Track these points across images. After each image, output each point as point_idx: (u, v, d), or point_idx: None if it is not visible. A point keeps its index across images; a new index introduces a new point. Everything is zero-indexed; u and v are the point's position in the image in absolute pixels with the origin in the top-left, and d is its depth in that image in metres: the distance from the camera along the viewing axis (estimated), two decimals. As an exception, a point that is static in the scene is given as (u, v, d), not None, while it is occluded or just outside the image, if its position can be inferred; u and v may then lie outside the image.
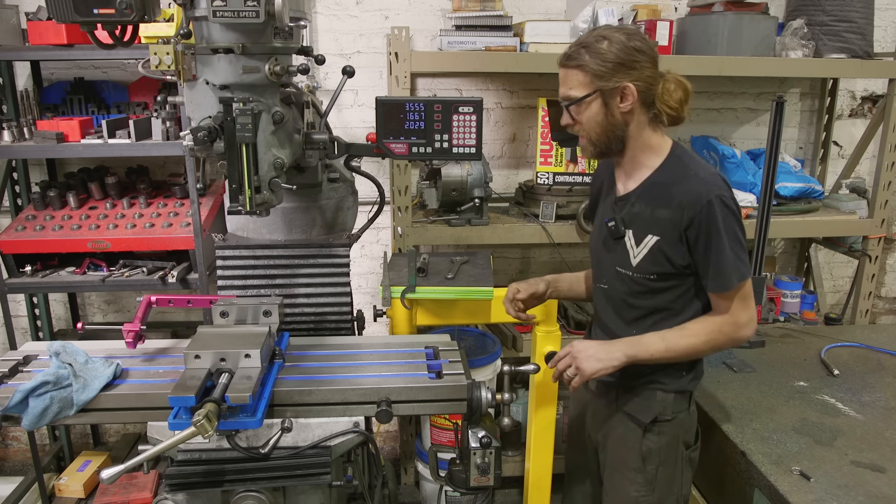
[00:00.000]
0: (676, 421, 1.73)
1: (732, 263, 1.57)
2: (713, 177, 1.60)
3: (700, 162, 1.66)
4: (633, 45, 1.57)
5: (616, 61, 1.55)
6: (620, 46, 1.56)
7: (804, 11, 2.96)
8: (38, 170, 3.07)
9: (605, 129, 1.63)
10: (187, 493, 1.43)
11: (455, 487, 1.66)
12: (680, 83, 1.62)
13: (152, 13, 1.45)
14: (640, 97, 1.59)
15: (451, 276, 2.13)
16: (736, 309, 1.62)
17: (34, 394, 1.37)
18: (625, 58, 1.56)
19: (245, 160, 1.39)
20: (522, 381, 3.04)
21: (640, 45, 1.58)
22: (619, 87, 1.57)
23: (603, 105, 1.60)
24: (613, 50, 1.56)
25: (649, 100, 1.61)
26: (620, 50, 1.55)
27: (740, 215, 1.59)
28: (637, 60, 1.56)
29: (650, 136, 1.66)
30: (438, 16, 3.09)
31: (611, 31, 1.60)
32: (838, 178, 3.41)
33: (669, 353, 1.63)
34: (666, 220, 1.60)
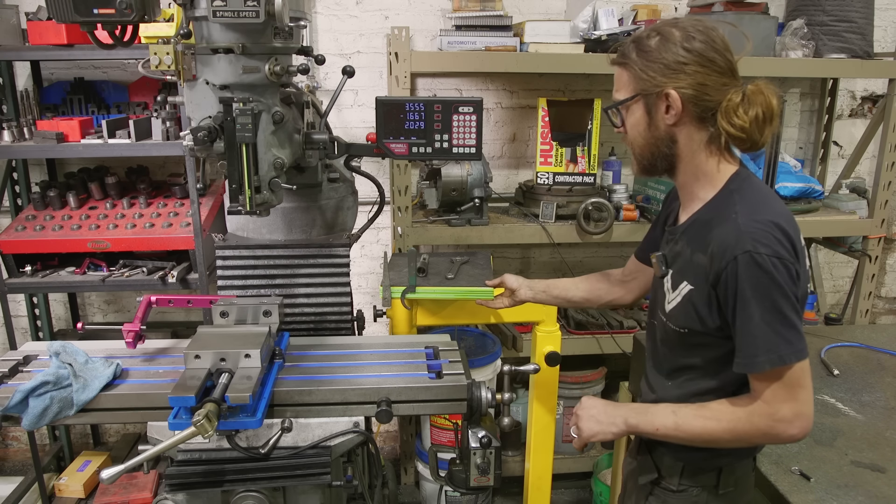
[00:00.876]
0: (686, 496, 1.46)
1: (762, 339, 1.26)
2: (754, 224, 1.26)
3: (754, 200, 1.32)
4: (689, 45, 1.31)
5: (663, 62, 1.31)
6: (673, 45, 1.31)
7: (804, 11, 2.96)
8: (38, 170, 3.07)
9: (648, 141, 1.39)
10: (187, 493, 1.43)
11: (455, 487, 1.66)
12: (759, 97, 1.31)
13: (152, 13, 1.45)
14: (691, 109, 1.32)
15: (452, 277, 2.13)
16: (774, 397, 1.28)
17: (34, 394, 1.37)
18: (673, 60, 1.31)
19: (245, 160, 1.39)
20: (522, 381, 3.04)
21: (701, 46, 1.31)
22: (662, 93, 1.32)
23: (646, 113, 1.37)
24: (663, 49, 1.32)
25: (706, 114, 1.33)
26: (671, 50, 1.31)
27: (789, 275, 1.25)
28: (687, 64, 1.30)
29: (706, 161, 1.37)
30: (438, 16, 3.09)
31: (671, 25, 1.35)
32: (838, 178, 3.41)
33: (679, 433, 1.36)
34: (700, 269, 1.34)
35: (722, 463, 1.44)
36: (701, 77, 1.31)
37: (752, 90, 1.32)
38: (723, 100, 1.31)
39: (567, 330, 2.98)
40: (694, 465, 1.45)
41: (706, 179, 1.38)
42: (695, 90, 1.31)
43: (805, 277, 1.33)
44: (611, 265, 3.58)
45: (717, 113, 1.32)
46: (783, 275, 1.25)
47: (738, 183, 1.36)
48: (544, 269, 3.48)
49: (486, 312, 2.21)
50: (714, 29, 1.35)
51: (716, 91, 1.32)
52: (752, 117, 1.29)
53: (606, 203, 2.80)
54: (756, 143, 1.32)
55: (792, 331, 1.26)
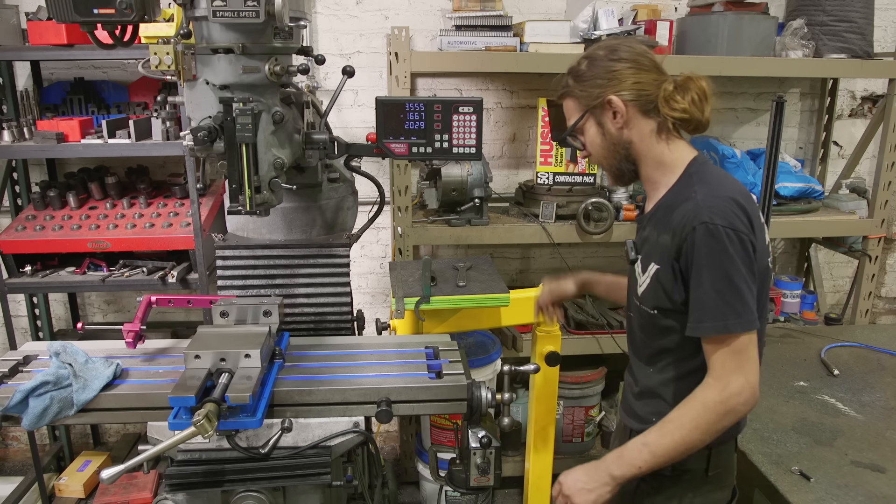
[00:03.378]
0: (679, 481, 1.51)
1: (711, 305, 1.33)
2: (712, 199, 1.37)
3: (712, 180, 1.43)
4: (613, 56, 1.47)
5: (595, 77, 1.47)
6: (599, 62, 1.48)
7: (804, 11, 2.96)
8: (38, 170, 3.08)
9: (609, 150, 1.51)
10: (187, 493, 1.43)
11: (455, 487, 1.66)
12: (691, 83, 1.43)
13: (152, 13, 1.45)
14: (635, 107, 1.45)
15: (463, 284, 2.10)
16: (724, 368, 1.34)
17: (34, 394, 1.37)
18: (603, 72, 1.47)
19: (245, 160, 1.39)
20: (522, 381, 3.04)
21: (625, 54, 1.46)
22: (604, 102, 1.46)
23: (598, 125, 1.51)
24: (593, 68, 1.48)
25: (648, 107, 1.46)
26: (599, 66, 1.47)
27: (743, 247, 1.33)
28: (616, 70, 1.45)
29: (663, 151, 1.48)
30: (438, 16, 3.09)
31: (595, 48, 1.52)
32: (838, 178, 3.41)
33: (659, 459, 1.39)
34: (664, 248, 1.43)
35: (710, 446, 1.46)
36: (634, 77, 1.45)
37: (683, 79, 1.45)
38: (659, 93, 1.44)
39: (567, 330, 2.97)
40: None
41: (665, 168, 1.49)
42: (631, 90, 1.45)
43: (763, 253, 1.42)
44: (611, 265, 3.60)
45: (658, 104, 1.45)
46: (736, 246, 1.33)
47: (696, 167, 1.47)
48: (544, 270, 3.48)
49: (492, 318, 2.20)
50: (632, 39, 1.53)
51: (651, 86, 1.45)
52: (689, 100, 1.42)
53: (606, 203, 2.81)
54: (700, 122, 1.44)
55: (740, 301, 1.33)
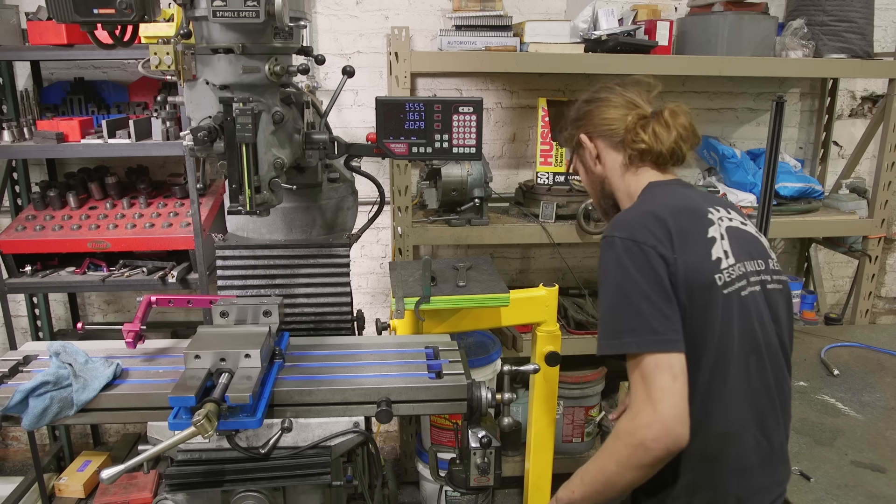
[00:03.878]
0: None
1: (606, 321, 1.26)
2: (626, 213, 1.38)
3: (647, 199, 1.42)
4: (586, 97, 1.58)
5: (572, 120, 1.61)
6: (575, 105, 1.61)
7: (804, 11, 2.96)
8: (38, 170, 3.07)
9: (592, 186, 1.63)
10: (187, 493, 1.43)
11: (455, 487, 1.66)
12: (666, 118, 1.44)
13: (152, 13, 1.45)
14: (604, 142, 1.53)
15: (463, 284, 2.10)
16: (636, 397, 1.21)
17: (34, 394, 1.37)
18: (576, 115, 1.59)
19: (245, 160, 1.39)
20: (522, 381, 3.04)
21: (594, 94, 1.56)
22: (577, 141, 1.59)
23: (581, 163, 1.64)
24: (571, 112, 1.62)
25: (616, 142, 1.51)
26: (574, 109, 1.61)
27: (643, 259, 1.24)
28: (587, 111, 1.55)
29: (630, 183, 1.50)
30: (438, 16, 3.09)
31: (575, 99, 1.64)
32: (838, 178, 3.41)
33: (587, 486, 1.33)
34: None
35: None
36: (600, 115, 1.51)
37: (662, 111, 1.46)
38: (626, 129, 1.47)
39: (567, 330, 2.98)
40: None
41: (629, 198, 1.51)
42: (597, 127, 1.52)
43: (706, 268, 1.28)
44: (611, 265, 3.58)
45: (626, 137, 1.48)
46: (634, 258, 1.24)
47: (645, 192, 1.46)
48: (544, 270, 3.48)
49: (492, 318, 2.20)
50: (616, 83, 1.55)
51: (618, 121, 1.49)
52: (650, 133, 1.43)
53: (606, 203, 2.80)
54: (662, 154, 1.43)
55: (637, 318, 1.21)
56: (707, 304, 1.26)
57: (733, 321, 1.28)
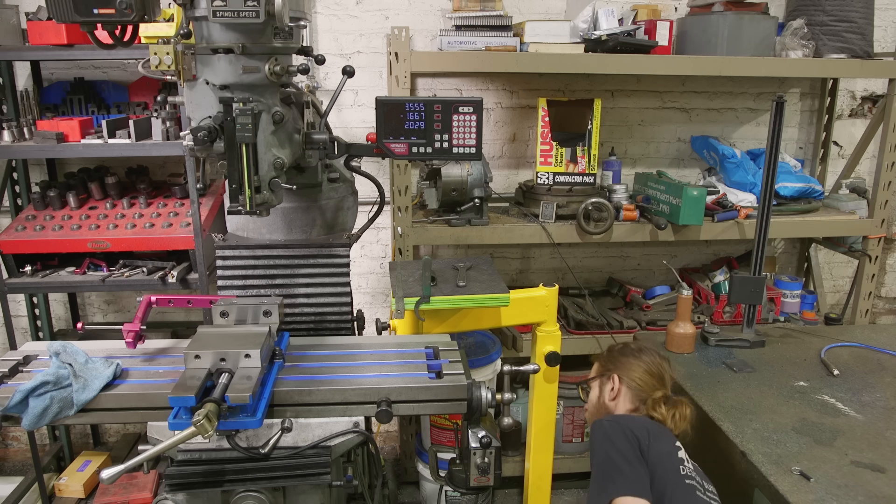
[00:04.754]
0: None
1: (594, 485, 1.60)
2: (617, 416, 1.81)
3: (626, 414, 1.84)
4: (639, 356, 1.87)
5: (619, 358, 1.89)
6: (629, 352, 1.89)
7: (804, 11, 2.96)
8: (38, 170, 3.08)
9: (597, 409, 1.91)
10: (187, 493, 1.43)
11: (455, 487, 1.66)
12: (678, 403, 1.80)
13: (152, 13, 1.45)
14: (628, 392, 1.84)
15: (463, 284, 2.10)
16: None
17: (34, 394, 1.37)
18: (624, 359, 1.88)
19: (245, 160, 1.39)
20: (522, 381, 3.04)
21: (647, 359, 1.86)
22: (611, 376, 1.87)
23: (599, 389, 1.92)
24: (624, 351, 1.91)
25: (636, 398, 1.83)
26: (627, 354, 1.89)
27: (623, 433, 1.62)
28: (632, 363, 1.86)
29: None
30: (438, 16, 3.09)
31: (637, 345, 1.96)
32: (838, 178, 3.41)
33: None
34: None
35: None
36: (639, 376, 1.84)
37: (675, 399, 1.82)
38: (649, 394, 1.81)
39: (567, 330, 2.98)
40: None
41: None
42: (631, 380, 1.84)
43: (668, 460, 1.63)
44: (611, 265, 3.60)
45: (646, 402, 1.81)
46: (617, 432, 1.62)
47: None
48: (544, 270, 3.48)
49: (493, 318, 2.20)
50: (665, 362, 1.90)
51: (647, 387, 1.83)
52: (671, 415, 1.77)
53: (606, 203, 2.81)
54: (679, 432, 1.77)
55: (617, 472, 1.57)
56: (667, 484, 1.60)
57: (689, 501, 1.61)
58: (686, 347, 2.47)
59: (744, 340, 2.53)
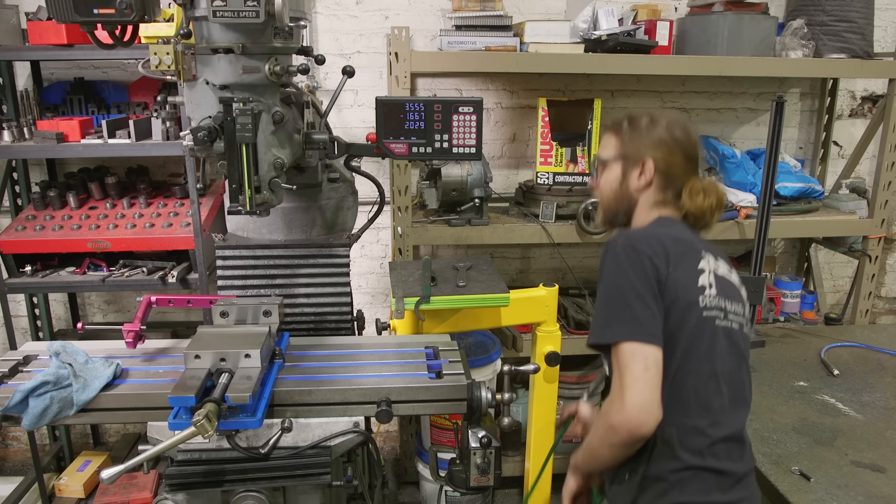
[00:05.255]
0: None
1: (599, 315, 1.40)
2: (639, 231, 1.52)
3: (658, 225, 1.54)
4: (672, 131, 1.55)
5: (648, 136, 1.56)
6: (659, 128, 1.56)
7: (804, 11, 2.96)
8: (38, 170, 3.07)
9: (617, 196, 1.61)
10: (187, 493, 1.43)
11: (455, 487, 1.66)
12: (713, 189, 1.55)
13: (152, 13, 1.45)
14: (659, 178, 1.55)
15: (463, 284, 2.10)
16: (615, 384, 1.34)
17: (34, 394, 1.37)
18: (657, 137, 1.55)
19: (245, 160, 1.39)
20: (522, 381, 3.04)
21: (680, 134, 1.55)
22: (640, 160, 1.55)
23: (622, 173, 1.59)
24: (651, 127, 1.57)
25: (667, 184, 1.56)
26: (657, 130, 1.56)
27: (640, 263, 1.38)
28: (667, 143, 1.55)
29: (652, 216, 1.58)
30: (438, 16, 3.09)
31: (661, 114, 1.61)
32: (838, 178, 3.41)
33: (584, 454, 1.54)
34: None
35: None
36: (674, 157, 1.54)
37: (709, 182, 1.56)
38: (684, 181, 1.55)
39: (567, 330, 2.98)
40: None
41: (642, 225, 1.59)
42: (666, 164, 1.54)
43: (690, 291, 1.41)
44: (611, 265, 3.56)
45: (683, 191, 1.54)
46: (633, 261, 1.38)
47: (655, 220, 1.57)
48: (544, 270, 3.48)
49: (493, 318, 2.20)
50: (691, 127, 1.60)
51: (680, 171, 1.55)
52: (709, 205, 1.53)
53: (606, 203, 2.80)
54: (708, 224, 1.56)
55: (627, 311, 1.35)
56: (684, 319, 1.40)
57: (703, 341, 1.41)
58: (686, 347, 2.47)
59: (744, 340, 2.53)
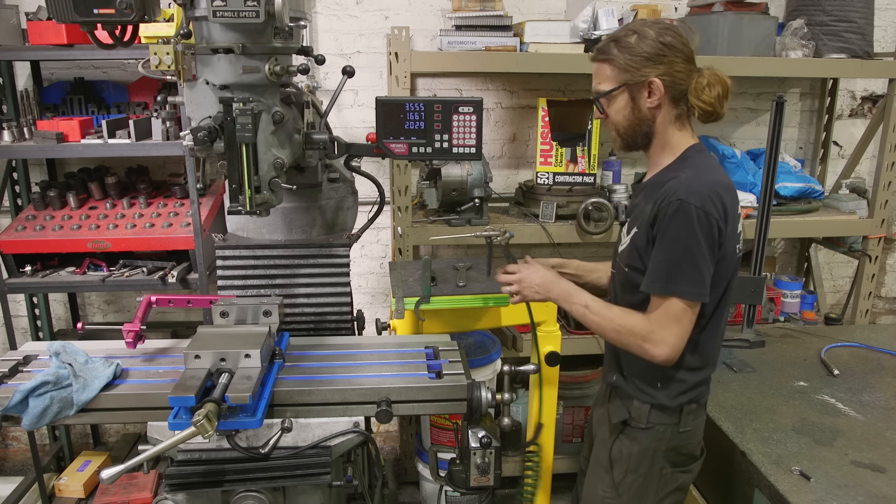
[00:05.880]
0: (653, 432, 1.69)
1: (663, 268, 1.52)
2: (695, 181, 1.52)
3: (701, 166, 1.59)
4: (664, 40, 1.55)
5: (643, 55, 1.55)
6: (650, 41, 1.55)
7: (804, 11, 2.96)
8: (38, 170, 3.07)
9: (632, 122, 1.63)
10: (187, 493, 1.43)
11: (455, 487, 1.66)
12: (717, 79, 1.57)
13: (152, 13, 1.45)
14: (668, 93, 1.57)
15: (463, 284, 2.10)
16: (657, 320, 1.54)
17: (34, 394, 1.37)
18: (652, 52, 1.55)
19: (245, 160, 1.39)
20: (522, 381, 3.04)
21: (672, 40, 1.56)
22: (646, 82, 1.56)
23: (630, 99, 1.60)
24: (642, 44, 1.56)
25: (678, 95, 1.59)
26: (649, 45, 1.55)
27: (710, 229, 1.49)
28: (665, 55, 1.55)
29: (673, 135, 1.63)
30: (438, 16, 3.09)
31: (643, 25, 1.59)
32: (838, 178, 3.41)
33: (584, 319, 1.65)
34: (646, 215, 1.59)
35: (681, 402, 1.66)
36: (677, 66, 1.57)
37: (711, 73, 1.58)
38: (690, 83, 1.58)
39: (567, 330, 2.97)
40: (659, 406, 1.67)
41: (669, 150, 1.65)
42: (671, 76, 1.57)
43: (733, 239, 1.59)
44: (611, 265, 3.56)
45: (688, 93, 1.58)
46: (704, 226, 1.49)
47: (692, 153, 1.63)
48: (544, 269, 3.47)
49: (492, 317, 2.20)
50: (678, 27, 1.61)
51: (685, 76, 1.58)
52: (716, 95, 1.56)
53: (606, 203, 2.80)
54: (719, 114, 1.60)
55: (694, 272, 1.50)
56: (729, 264, 1.59)
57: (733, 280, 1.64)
58: (686, 347, 2.47)
59: (744, 340, 2.53)
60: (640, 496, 1.72)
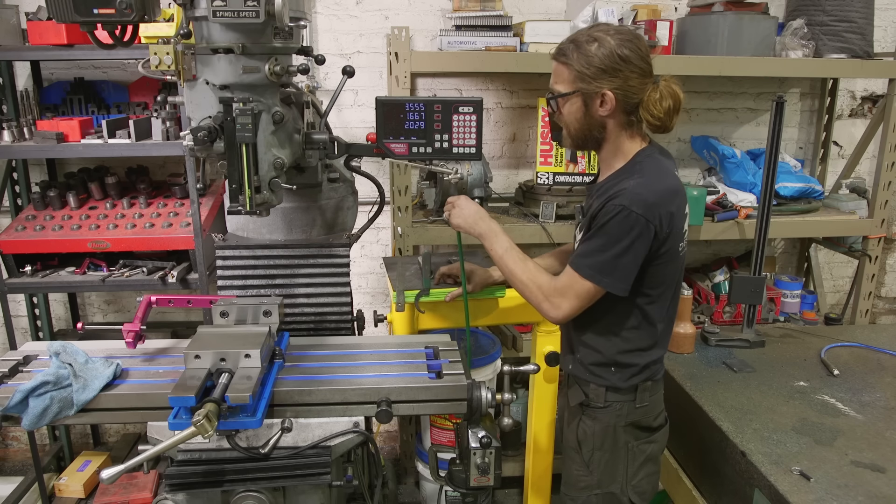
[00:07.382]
0: (611, 409, 1.77)
1: (597, 259, 1.60)
2: (646, 191, 1.58)
3: (650, 172, 1.64)
4: (622, 52, 1.57)
5: (600, 66, 1.59)
6: (608, 52, 1.58)
7: (804, 11, 2.96)
8: (38, 170, 3.07)
9: (583, 126, 1.68)
10: (187, 493, 1.43)
11: (455, 487, 1.66)
12: (670, 93, 1.61)
13: (152, 13, 1.45)
14: (620, 105, 1.62)
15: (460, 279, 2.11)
16: (562, 288, 1.66)
17: (34, 394, 1.37)
18: (609, 65, 1.58)
19: (245, 160, 1.39)
20: (522, 381, 3.04)
21: (629, 53, 1.58)
22: (600, 93, 1.61)
23: (583, 104, 1.65)
24: (600, 54, 1.58)
25: (630, 108, 1.64)
26: (607, 56, 1.58)
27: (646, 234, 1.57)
28: (621, 70, 1.58)
29: (624, 142, 1.69)
30: (438, 16, 3.09)
31: (605, 32, 1.60)
32: (838, 178, 3.41)
33: (500, 262, 1.78)
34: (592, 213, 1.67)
35: (636, 382, 1.76)
36: (632, 80, 1.60)
37: (666, 85, 1.62)
38: (643, 95, 1.62)
39: (567, 330, 2.97)
40: (614, 387, 1.76)
41: (621, 154, 1.71)
42: (624, 91, 1.61)
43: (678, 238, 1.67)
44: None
45: (640, 106, 1.63)
46: (643, 235, 1.58)
47: (642, 157, 1.69)
48: (544, 269, 3.47)
49: (490, 313, 2.20)
50: (639, 38, 1.64)
51: (639, 90, 1.62)
52: (666, 108, 1.61)
53: (606, 203, 2.80)
54: (667, 127, 1.66)
55: (614, 266, 1.60)
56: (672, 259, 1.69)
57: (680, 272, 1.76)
58: (686, 347, 2.47)
59: (744, 340, 2.53)
60: (610, 471, 1.80)
